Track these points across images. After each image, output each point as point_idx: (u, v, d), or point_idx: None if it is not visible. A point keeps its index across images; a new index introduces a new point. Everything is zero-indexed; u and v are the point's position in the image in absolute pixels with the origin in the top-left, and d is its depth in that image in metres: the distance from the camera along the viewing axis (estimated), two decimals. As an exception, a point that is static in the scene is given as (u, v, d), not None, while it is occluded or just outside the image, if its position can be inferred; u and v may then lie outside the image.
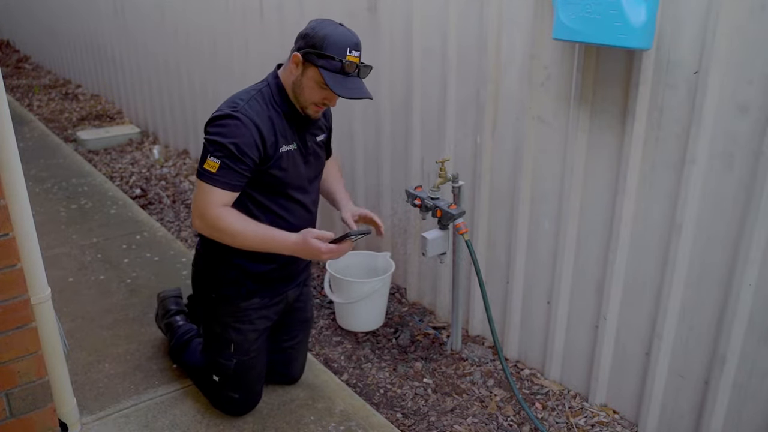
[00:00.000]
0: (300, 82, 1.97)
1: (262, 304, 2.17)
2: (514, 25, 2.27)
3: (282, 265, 2.16)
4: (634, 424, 2.28)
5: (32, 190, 4.14)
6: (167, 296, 2.64)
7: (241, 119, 1.91)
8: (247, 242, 1.98)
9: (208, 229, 1.98)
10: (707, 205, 1.90)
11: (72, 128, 5.74)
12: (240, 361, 2.17)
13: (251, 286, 2.14)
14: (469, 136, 2.57)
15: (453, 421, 2.32)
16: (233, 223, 1.94)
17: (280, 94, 2.02)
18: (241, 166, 1.92)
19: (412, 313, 2.99)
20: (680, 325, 2.05)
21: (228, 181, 1.92)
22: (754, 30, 1.70)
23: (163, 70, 5.01)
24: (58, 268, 3.23)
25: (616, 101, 2.04)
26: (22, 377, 1.85)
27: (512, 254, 2.52)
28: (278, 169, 2.01)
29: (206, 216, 1.94)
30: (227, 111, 1.93)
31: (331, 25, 1.93)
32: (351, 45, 1.92)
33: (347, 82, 1.93)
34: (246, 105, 1.95)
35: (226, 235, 1.97)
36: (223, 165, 1.90)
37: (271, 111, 1.99)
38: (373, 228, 2.23)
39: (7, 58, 8.91)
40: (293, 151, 2.05)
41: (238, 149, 1.90)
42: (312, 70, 1.93)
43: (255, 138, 1.92)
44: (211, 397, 2.27)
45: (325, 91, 1.95)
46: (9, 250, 1.74)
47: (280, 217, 2.08)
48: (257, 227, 1.98)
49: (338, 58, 1.89)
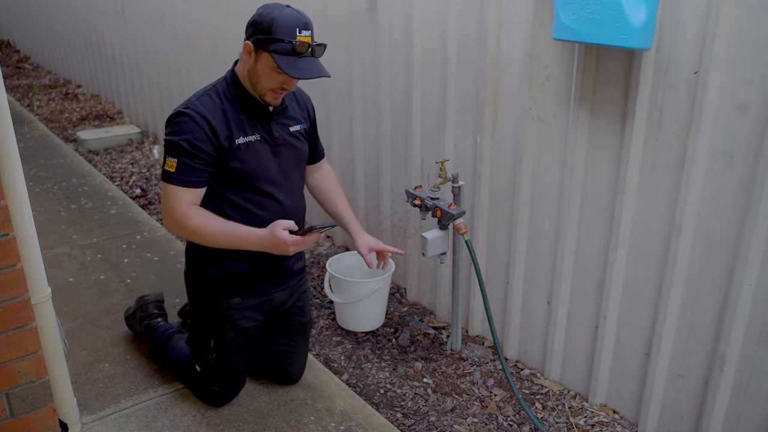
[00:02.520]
0: (255, 69, 1.96)
1: (244, 305, 2.17)
2: (514, 25, 2.27)
3: (258, 264, 2.13)
4: (634, 424, 2.28)
5: (32, 190, 4.14)
6: (150, 301, 2.63)
7: (190, 115, 1.94)
8: (214, 240, 2.00)
9: (177, 229, 2.01)
10: (707, 205, 1.90)
11: (72, 128, 5.74)
12: (219, 356, 2.20)
13: (233, 285, 2.14)
14: (469, 136, 2.57)
15: (453, 421, 2.32)
16: (199, 222, 1.96)
17: (236, 86, 2.03)
18: (197, 161, 1.94)
19: (412, 313, 2.99)
20: (680, 325, 2.05)
21: (187, 177, 1.95)
22: (753, 30, 1.70)
23: (164, 70, 5.01)
24: (58, 268, 3.23)
25: (616, 101, 2.04)
26: (22, 377, 1.85)
27: (512, 254, 2.52)
28: (238, 161, 2.01)
29: (173, 216, 1.97)
30: (178, 109, 1.97)
31: (278, 8, 1.91)
32: (300, 25, 1.90)
33: (300, 62, 1.91)
34: (197, 101, 1.98)
35: (194, 235, 1.99)
36: (180, 163, 1.93)
37: (225, 104, 2.00)
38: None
39: (8, 58, 8.91)
40: (254, 142, 2.04)
41: (191, 145, 1.92)
42: (264, 56, 1.92)
43: (206, 131, 1.94)
44: (193, 388, 2.30)
45: (281, 75, 1.94)
46: (9, 250, 1.74)
47: (251, 213, 2.07)
48: (223, 224, 1.98)
49: (288, 40, 1.88)
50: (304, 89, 2.31)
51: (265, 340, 2.31)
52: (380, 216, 3.16)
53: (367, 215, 3.28)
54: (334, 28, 3.10)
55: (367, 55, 2.97)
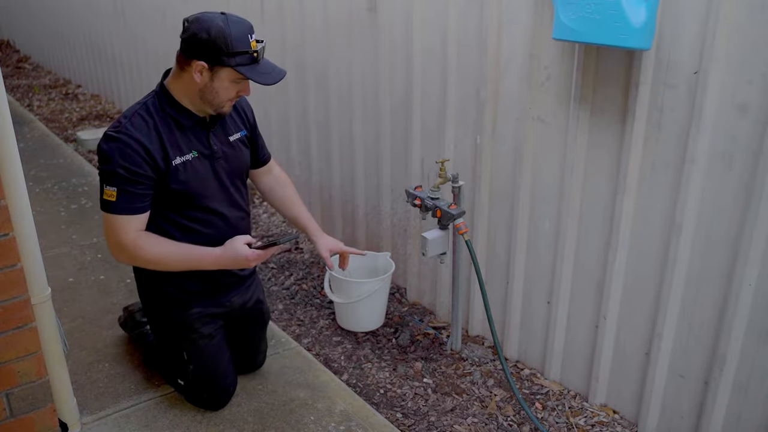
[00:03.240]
0: (211, 87, 1.91)
1: (205, 313, 2.16)
2: (514, 25, 2.27)
3: (217, 281, 2.14)
4: (634, 424, 2.28)
5: (32, 190, 4.14)
6: (135, 310, 2.60)
7: (123, 140, 1.87)
8: (171, 266, 1.98)
9: (129, 260, 1.97)
10: (707, 205, 1.90)
11: (72, 128, 5.74)
12: (196, 366, 2.18)
13: (190, 299, 2.13)
14: (469, 136, 2.57)
15: (453, 421, 2.32)
16: (152, 250, 1.92)
17: (170, 103, 1.96)
18: (139, 187, 1.89)
19: (412, 313, 2.99)
20: (680, 325, 2.05)
21: (131, 205, 1.89)
22: (753, 30, 1.70)
23: (164, 69, 5.00)
24: (58, 268, 3.23)
25: (616, 101, 2.04)
26: (22, 377, 1.85)
27: (512, 254, 2.52)
28: (177, 182, 1.95)
29: (123, 247, 1.91)
30: (110, 133, 1.89)
31: (218, 19, 1.86)
32: (249, 31, 1.88)
33: (261, 68, 1.90)
34: (128, 123, 1.90)
35: (148, 264, 1.96)
36: (121, 191, 1.87)
37: (158, 123, 1.94)
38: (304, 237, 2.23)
39: (7, 58, 8.91)
40: (192, 160, 1.99)
41: (129, 172, 1.86)
42: (225, 71, 1.88)
43: (142, 155, 1.87)
44: (185, 397, 2.28)
45: (239, 84, 1.92)
46: (9, 250, 1.74)
47: (196, 232, 2.04)
48: (177, 249, 1.95)
49: (245, 50, 1.85)
50: (304, 88, 2.31)
51: (228, 338, 2.30)
52: (380, 216, 3.16)
53: (367, 215, 3.28)
54: (334, 28, 3.10)
55: (367, 55, 2.97)
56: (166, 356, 2.28)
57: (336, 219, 3.52)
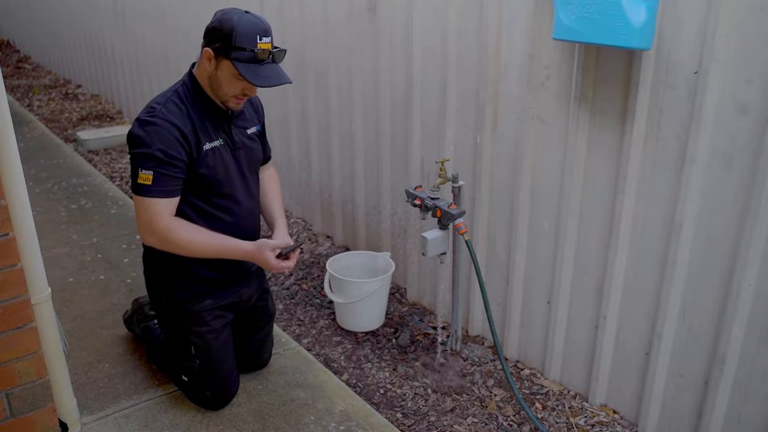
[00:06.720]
0: (216, 76, 1.95)
1: (216, 305, 2.18)
2: (514, 25, 2.27)
3: (231, 270, 2.17)
4: (634, 424, 2.28)
5: (32, 190, 4.14)
6: (144, 303, 2.62)
7: (160, 124, 1.90)
8: (200, 251, 2.01)
9: (160, 243, 1.99)
10: (707, 205, 1.90)
11: (72, 128, 5.74)
12: (203, 361, 2.19)
13: (203, 290, 2.14)
14: (469, 136, 2.57)
15: (453, 421, 2.32)
16: (185, 235, 1.96)
17: (197, 91, 2.01)
18: (173, 170, 1.92)
19: (412, 313, 2.99)
20: (680, 325, 2.05)
21: (165, 188, 1.92)
22: (753, 30, 1.70)
23: (163, 70, 5.01)
24: (58, 268, 3.23)
25: (616, 101, 2.04)
26: (22, 377, 1.85)
27: (512, 254, 2.52)
28: (206, 167, 2.00)
29: (156, 230, 1.94)
30: (145, 118, 1.92)
31: (237, 14, 1.89)
32: (260, 32, 1.89)
33: (262, 70, 1.91)
34: (163, 108, 1.94)
35: (178, 248, 1.99)
36: (157, 174, 1.90)
37: (189, 109, 1.98)
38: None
39: (7, 58, 8.92)
40: (219, 147, 2.04)
41: (166, 154, 1.89)
42: (225, 63, 1.91)
43: (178, 138, 1.92)
44: (187, 395, 2.29)
45: (242, 82, 1.94)
46: (9, 250, 1.74)
47: (217, 218, 2.08)
48: (208, 236, 2.00)
49: (249, 48, 1.87)
50: (304, 88, 2.31)
51: (235, 336, 2.32)
52: (380, 216, 3.16)
53: (367, 215, 3.28)
54: (334, 28, 3.10)
55: (367, 55, 2.97)
56: (172, 351, 2.27)
57: (336, 219, 3.52)
